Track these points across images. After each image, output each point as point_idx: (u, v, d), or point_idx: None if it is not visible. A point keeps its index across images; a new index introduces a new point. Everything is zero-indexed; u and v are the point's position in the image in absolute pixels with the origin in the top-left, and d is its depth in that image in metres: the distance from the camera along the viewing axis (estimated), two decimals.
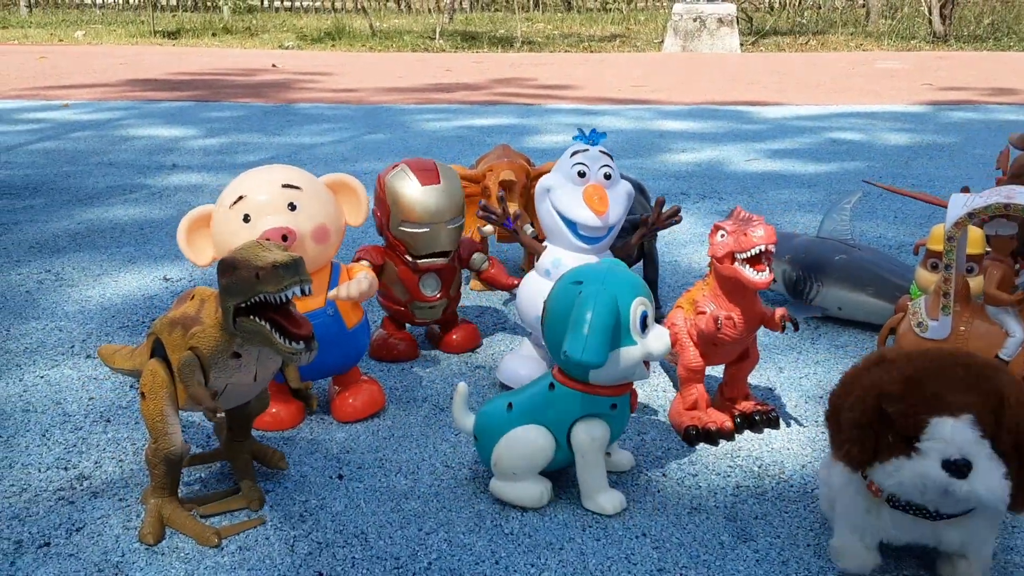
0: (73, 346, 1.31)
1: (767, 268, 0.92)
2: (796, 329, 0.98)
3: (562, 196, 1.09)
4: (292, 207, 1.00)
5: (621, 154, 2.74)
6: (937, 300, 0.86)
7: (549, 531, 0.87)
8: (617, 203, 1.11)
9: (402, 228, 1.18)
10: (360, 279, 1.04)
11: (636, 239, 1.18)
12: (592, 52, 7.42)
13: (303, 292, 0.75)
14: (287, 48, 7.66)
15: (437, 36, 8.14)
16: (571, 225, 1.10)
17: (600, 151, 1.13)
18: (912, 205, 2.07)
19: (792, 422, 1.08)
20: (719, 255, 0.96)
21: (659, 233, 1.50)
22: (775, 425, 1.04)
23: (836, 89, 4.38)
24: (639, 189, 1.48)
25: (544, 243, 1.15)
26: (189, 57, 6.37)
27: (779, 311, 0.97)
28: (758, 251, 0.91)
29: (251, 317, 0.77)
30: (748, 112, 3.64)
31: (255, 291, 0.75)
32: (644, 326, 0.84)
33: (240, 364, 0.81)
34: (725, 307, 0.98)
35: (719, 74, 5.28)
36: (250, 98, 4.08)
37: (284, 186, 1.01)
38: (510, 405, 0.91)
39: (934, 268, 1.13)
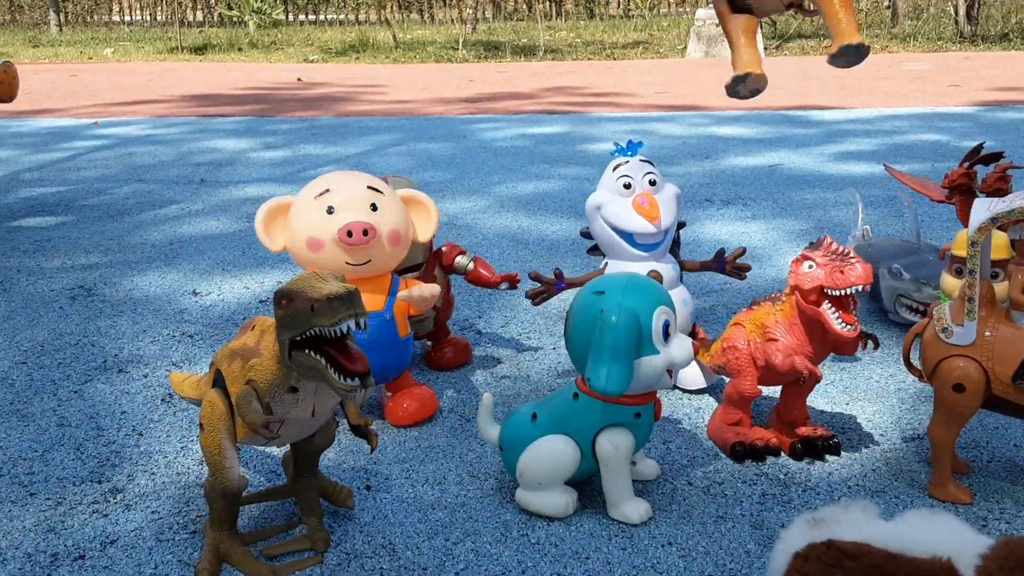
0: (105, 360, 1.34)
1: (855, 316, 0.90)
2: (876, 347, 0.97)
3: (613, 210, 1.11)
4: (374, 207, 1.04)
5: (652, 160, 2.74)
6: (962, 305, 0.86)
7: (575, 540, 0.87)
8: (667, 207, 1.12)
9: None
10: (426, 287, 1.07)
11: (696, 267, 1.20)
12: (616, 59, 7.42)
13: (359, 326, 0.74)
14: (312, 61, 7.73)
15: (460, 47, 8.18)
16: (627, 236, 1.12)
17: (640, 160, 1.15)
18: (941, 207, 2.06)
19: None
20: (806, 287, 0.92)
21: (682, 239, 1.50)
22: (837, 452, 1.00)
23: (862, 92, 4.35)
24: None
25: (604, 261, 1.17)
26: (216, 72, 6.45)
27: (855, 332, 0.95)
28: (852, 291, 0.90)
29: (307, 351, 0.75)
30: (775, 116, 3.63)
31: (310, 324, 0.73)
32: (667, 335, 0.84)
33: (297, 399, 0.80)
34: (799, 339, 0.94)
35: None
36: (291, 112, 4.13)
37: (369, 187, 1.05)
38: (535, 415, 0.92)
39: (959, 273, 1.12)
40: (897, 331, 1.36)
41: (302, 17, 17.99)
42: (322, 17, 17.98)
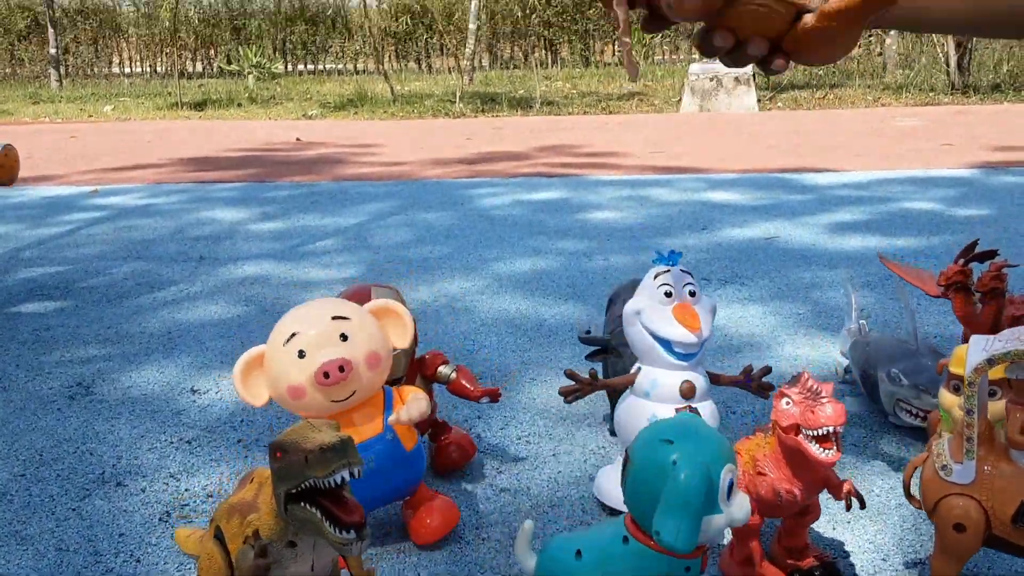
0: (103, 472, 1.33)
1: (835, 446, 0.91)
2: (863, 506, 0.97)
3: (653, 317, 1.12)
4: (344, 338, 1.02)
5: (649, 233, 2.76)
6: (960, 443, 0.86)
7: None
8: (706, 319, 1.13)
9: None
10: (417, 400, 1.05)
11: (727, 382, 1.20)
12: (611, 113, 7.49)
13: (353, 475, 0.74)
14: (311, 117, 7.80)
15: (457, 100, 8.26)
16: (666, 344, 1.12)
17: (681, 270, 1.16)
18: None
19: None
20: (784, 424, 0.93)
21: None
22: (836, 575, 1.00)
23: (856, 152, 4.39)
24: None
25: (635, 366, 1.17)
26: (216, 131, 6.51)
27: (847, 485, 0.96)
28: (826, 431, 0.90)
29: (302, 504, 0.75)
30: (770, 180, 3.66)
31: (304, 476, 0.73)
32: (730, 493, 0.83)
33: (296, 553, 0.79)
34: (787, 475, 0.95)
35: (736, 136, 5.31)
36: (290, 176, 4.16)
37: (334, 318, 1.03)
38: (579, 552, 0.89)
39: (956, 391, 1.12)
40: (897, 435, 1.36)
41: (301, 67, 18.21)
42: (320, 67, 18.21)
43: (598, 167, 4.21)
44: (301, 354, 1.01)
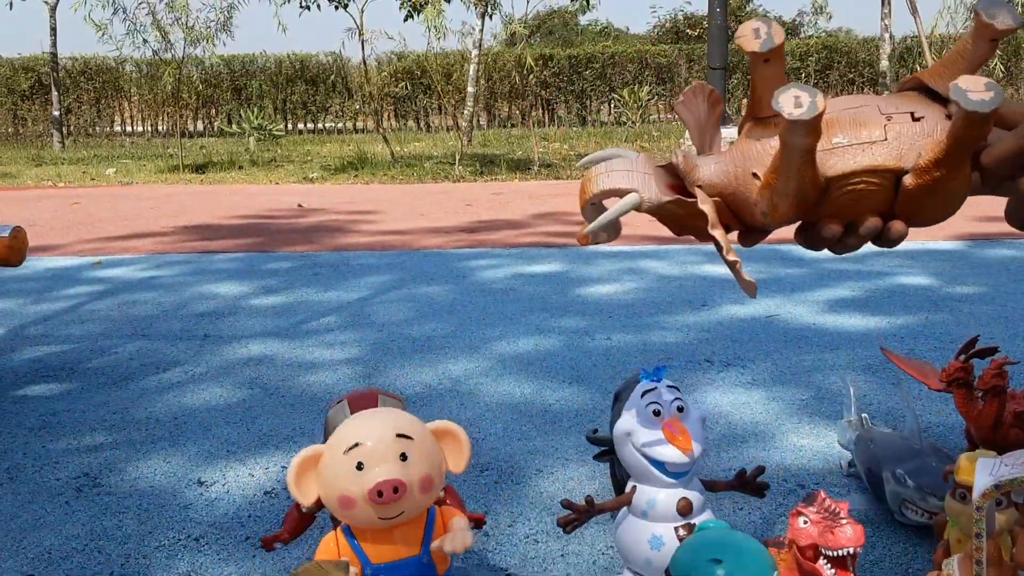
0: (112, 572, 1.33)
1: (852, 572, 0.92)
2: None
3: (644, 438, 1.13)
4: (404, 457, 1.03)
5: (649, 309, 2.78)
6: (969, 566, 0.87)
7: None
8: (697, 434, 1.15)
9: None
10: (463, 532, 1.05)
11: (722, 487, 1.21)
12: None
13: None
14: (313, 180, 7.89)
15: (457, 162, 8.37)
16: (659, 465, 1.13)
17: (668, 385, 1.18)
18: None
19: None
20: (802, 544, 0.94)
21: None
22: None
23: None
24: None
25: (630, 483, 1.18)
26: (217, 196, 6.58)
27: None
28: (845, 552, 0.91)
29: None
30: (767, 252, 3.70)
31: None
32: None
33: None
34: None
35: None
36: (291, 246, 4.20)
37: (398, 435, 1.04)
38: None
39: (963, 499, 1.14)
40: (904, 532, 1.37)
41: (301, 126, 18.45)
42: (320, 126, 18.44)
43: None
44: (359, 466, 1.02)
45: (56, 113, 12.39)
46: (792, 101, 0.69)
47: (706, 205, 0.82)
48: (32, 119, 17.38)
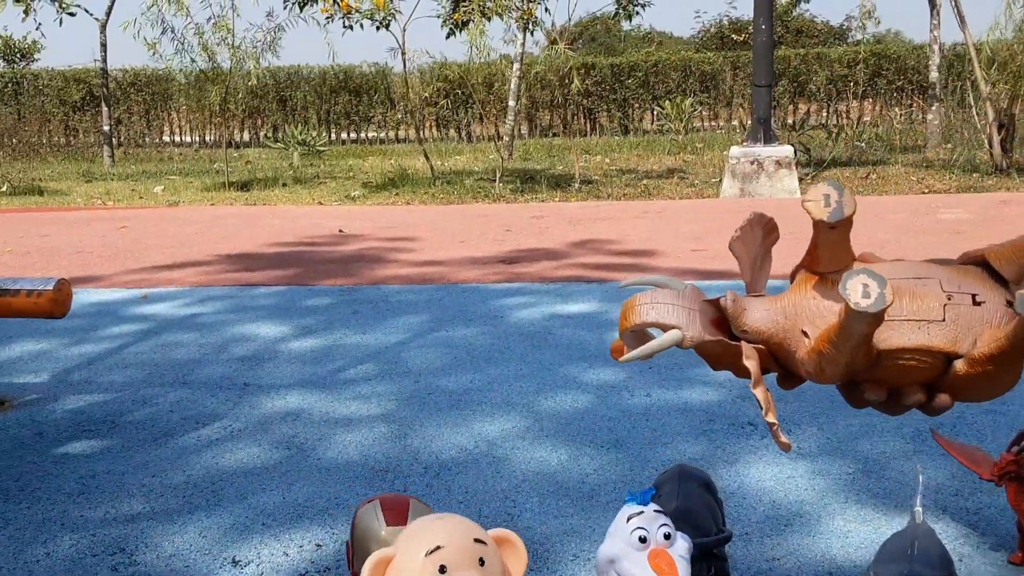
0: None
1: None
2: None
3: (629, 567, 1.09)
4: (482, 562, 1.03)
5: (691, 360, 2.74)
6: None
7: None
8: (682, 566, 1.10)
9: None
10: None
11: None
12: (650, 197, 7.52)
13: None
14: (354, 198, 7.94)
15: (497, 180, 8.36)
16: None
17: (655, 511, 1.14)
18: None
19: None
20: None
21: (723, 505, 1.47)
22: None
23: (901, 255, 4.35)
24: (706, 486, 1.46)
25: None
26: (260, 219, 6.64)
27: None
28: None
29: None
30: None
31: None
32: None
33: None
34: None
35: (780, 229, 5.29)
36: (331, 279, 4.22)
37: (476, 540, 1.04)
38: None
39: None
40: None
41: (344, 136, 18.61)
42: (363, 135, 18.58)
43: (635, 270, 4.21)
44: (442, 569, 1.02)
45: (106, 128, 12.63)
46: (860, 290, 0.66)
47: (751, 361, 0.79)
48: (83, 130, 17.76)
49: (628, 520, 1.13)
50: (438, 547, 1.04)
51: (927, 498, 1.75)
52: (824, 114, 17.26)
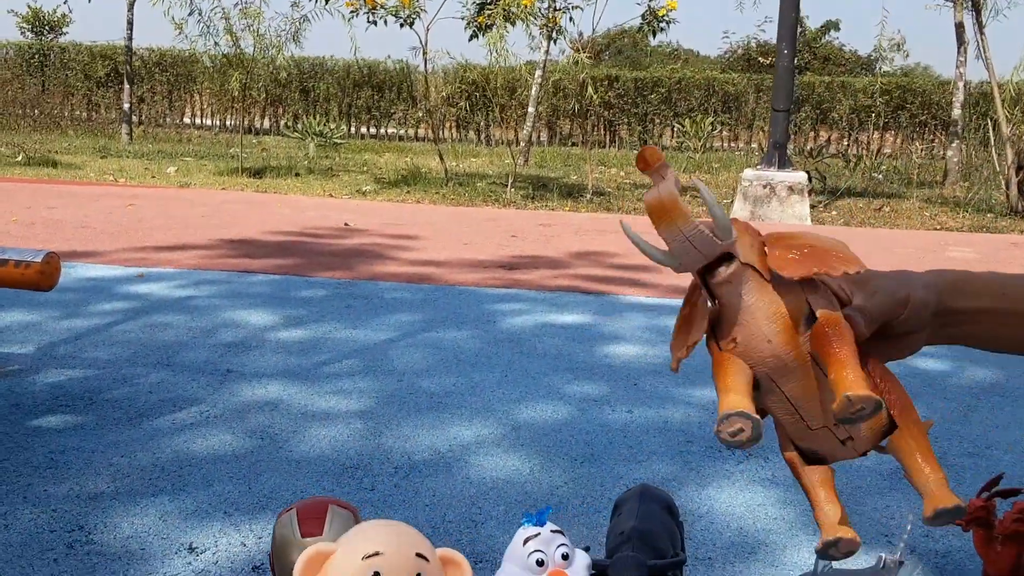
0: None
1: None
2: None
3: None
4: None
5: (678, 380, 2.71)
6: None
7: None
8: None
9: None
10: None
11: None
12: None
13: None
14: (365, 193, 7.94)
15: (509, 185, 8.35)
16: None
17: (552, 530, 1.11)
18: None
19: None
20: None
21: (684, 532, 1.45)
22: None
23: None
24: (668, 508, 1.43)
25: None
26: (268, 206, 6.65)
27: None
28: None
29: None
30: None
31: None
32: None
33: None
34: None
35: None
36: (329, 271, 4.21)
37: (418, 555, 1.02)
38: None
39: None
40: None
41: (364, 130, 18.65)
42: (383, 131, 18.61)
43: (633, 285, 4.19)
44: (376, 575, 1.00)
45: (126, 107, 12.69)
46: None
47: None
48: (105, 106, 17.85)
49: (524, 543, 1.09)
50: (377, 552, 1.02)
51: (895, 538, 1.73)
52: (845, 143, 17.20)
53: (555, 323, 3.38)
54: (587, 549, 1.39)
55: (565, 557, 1.09)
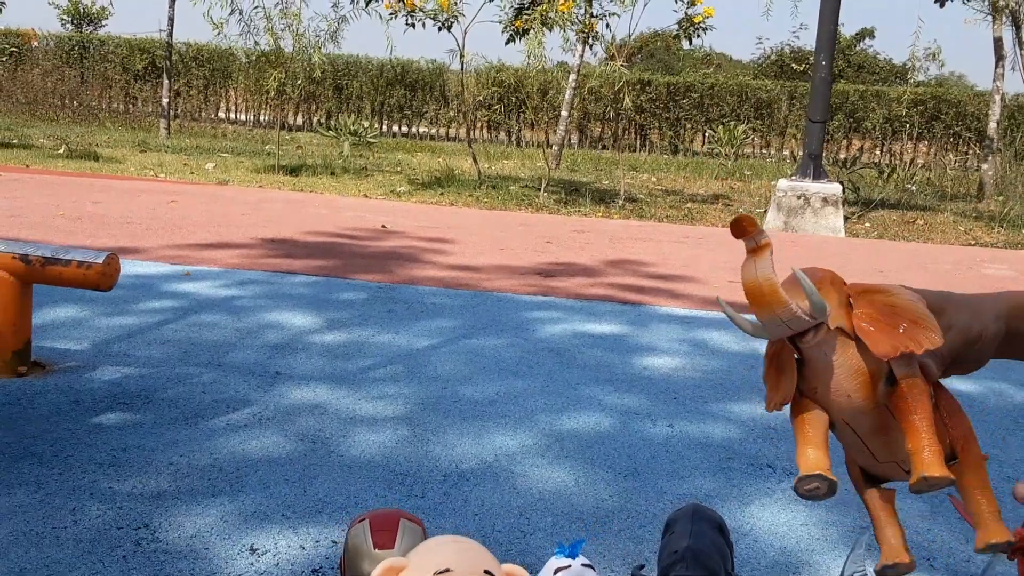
0: None
1: None
2: None
3: None
4: None
5: (716, 393, 2.75)
6: None
7: None
8: None
9: None
10: None
11: None
12: (694, 223, 7.50)
13: None
14: (399, 194, 8.01)
15: (542, 190, 8.39)
16: None
17: (583, 564, 1.15)
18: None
19: None
20: None
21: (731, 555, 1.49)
22: None
23: None
24: (719, 528, 1.47)
25: None
26: (307, 206, 6.74)
27: None
28: None
29: None
30: None
31: None
32: None
33: None
34: None
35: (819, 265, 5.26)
36: (369, 273, 4.28)
37: (486, 572, 1.06)
38: None
39: None
40: None
41: (396, 128, 18.75)
42: (415, 130, 18.71)
43: (670, 296, 4.22)
44: None
45: (165, 102, 12.86)
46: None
47: None
48: (143, 99, 18.09)
49: (555, 574, 1.14)
50: (447, 569, 1.07)
51: (936, 562, 1.76)
52: (878, 152, 17.08)
53: (593, 333, 3.42)
54: (642, 567, 1.44)
55: None
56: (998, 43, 10.01)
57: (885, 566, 0.89)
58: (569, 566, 1.14)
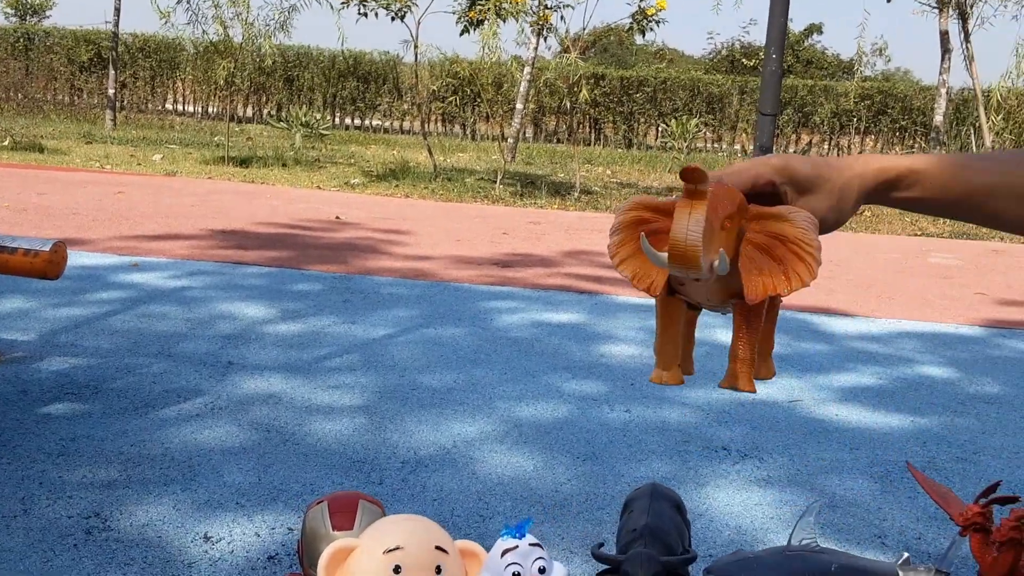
0: None
1: None
2: None
3: None
4: (439, 570, 1.04)
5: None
6: None
7: None
8: None
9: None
10: None
11: None
12: None
13: None
14: (353, 186, 7.94)
15: (498, 182, 8.38)
16: None
17: (530, 544, 1.15)
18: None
19: None
20: None
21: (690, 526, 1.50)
22: None
23: (888, 294, 4.40)
24: (677, 507, 1.48)
25: None
26: (258, 197, 6.65)
27: None
28: None
29: None
30: (797, 323, 3.66)
31: None
32: None
33: None
34: None
35: None
36: (324, 264, 4.23)
37: (437, 548, 1.06)
38: None
39: None
40: None
41: (348, 121, 18.59)
42: (368, 123, 18.56)
43: (626, 285, 4.23)
44: (397, 569, 1.04)
45: (111, 92, 12.59)
46: None
47: None
48: (88, 91, 17.68)
49: (502, 555, 1.13)
50: (397, 547, 1.05)
51: (887, 539, 1.79)
52: (826, 146, 17.36)
53: (550, 322, 3.43)
54: (601, 546, 1.44)
55: (542, 571, 1.12)
56: (944, 36, 10.22)
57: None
58: (517, 546, 1.13)
